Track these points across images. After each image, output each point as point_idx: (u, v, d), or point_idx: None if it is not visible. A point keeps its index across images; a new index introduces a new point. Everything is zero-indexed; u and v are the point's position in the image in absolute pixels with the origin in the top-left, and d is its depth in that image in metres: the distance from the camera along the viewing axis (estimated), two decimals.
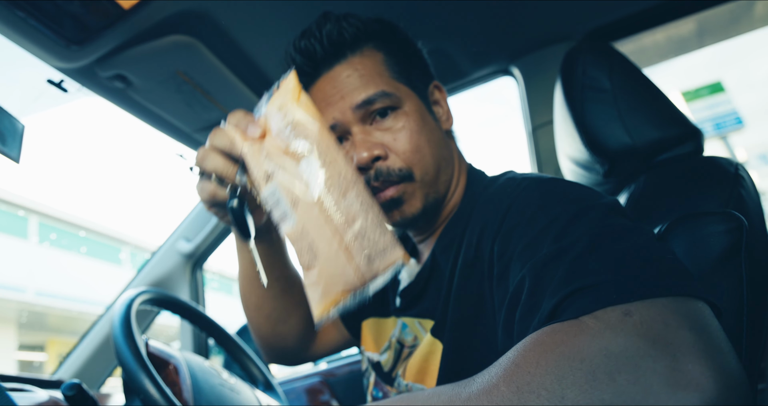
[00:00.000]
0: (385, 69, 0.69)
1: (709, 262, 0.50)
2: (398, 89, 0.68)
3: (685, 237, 0.52)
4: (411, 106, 0.68)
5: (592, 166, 0.69)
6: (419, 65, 0.74)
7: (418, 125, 0.67)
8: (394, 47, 0.71)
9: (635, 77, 0.67)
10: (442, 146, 0.70)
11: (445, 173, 0.70)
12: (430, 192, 0.68)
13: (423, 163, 0.66)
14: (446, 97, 0.76)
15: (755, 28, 1.45)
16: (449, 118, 0.75)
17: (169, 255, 1.53)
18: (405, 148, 0.66)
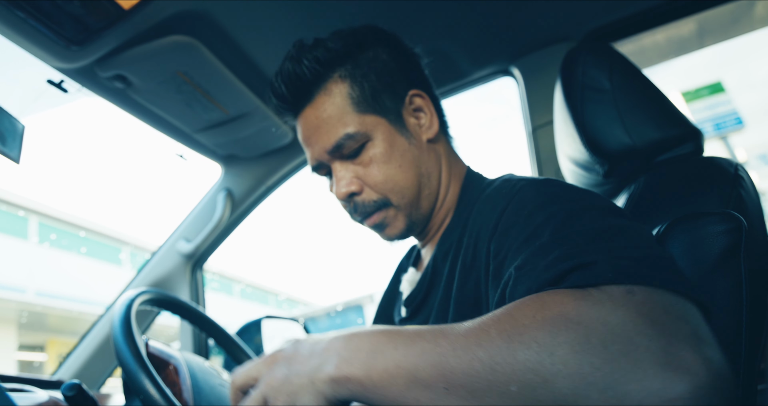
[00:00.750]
0: (349, 104, 0.69)
1: (708, 262, 0.50)
2: (364, 124, 0.69)
3: (684, 237, 0.52)
4: (379, 135, 0.69)
5: (591, 167, 0.69)
6: (393, 79, 0.72)
7: (386, 155, 0.69)
8: (361, 70, 0.70)
9: (635, 78, 0.67)
10: (420, 163, 0.71)
11: (427, 188, 0.72)
12: (411, 212, 0.71)
13: (396, 190, 0.69)
14: (429, 102, 0.75)
15: (756, 28, 1.45)
16: (433, 125, 0.74)
17: (169, 255, 1.53)
18: (376, 180, 0.69)
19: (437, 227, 0.75)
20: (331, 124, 0.69)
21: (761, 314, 0.52)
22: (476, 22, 1.14)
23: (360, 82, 0.70)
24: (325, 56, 0.69)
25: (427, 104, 0.74)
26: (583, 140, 0.67)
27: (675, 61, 1.53)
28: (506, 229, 0.52)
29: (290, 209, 60.13)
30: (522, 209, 0.52)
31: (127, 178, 30.32)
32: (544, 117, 1.24)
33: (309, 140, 0.72)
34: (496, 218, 0.55)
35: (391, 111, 0.71)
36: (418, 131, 0.73)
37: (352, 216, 0.74)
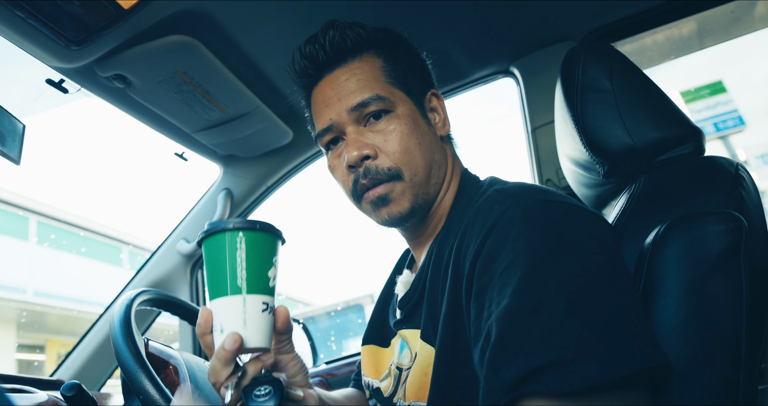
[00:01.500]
0: (382, 74, 0.72)
1: (708, 262, 0.50)
2: (393, 94, 0.71)
3: (684, 237, 0.52)
4: (404, 110, 0.71)
5: (592, 167, 0.68)
6: (418, 73, 0.76)
7: (409, 128, 0.70)
8: (394, 55, 0.74)
9: (635, 77, 0.67)
10: (434, 150, 0.73)
11: (435, 176, 0.72)
12: (419, 193, 0.70)
13: (412, 164, 0.69)
14: (444, 105, 0.78)
15: (757, 28, 1.45)
16: (446, 125, 0.77)
17: (169, 255, 1.53)
18: (395, 149, 0.69)
19: (432, 228, 0.75)
20: (361, 84, 0.71)
21: (762, 314, 0.52)
22: (476, 22, 1.14)
23: (393, 62, 0.74)
24: (366, 34, 0.73)
25: (441, 106, 0.78)
26: (583, 140, 0.67)
27: (676, 61, 1.53)
28: (491, 252, 0.53)
29: (290, 209, 60.01)
30: (508, 232, 0.52)
31: (127, 178, 30.29)
32: (545, 117, 1.24)
33: (331, 99, 0.72)
34: (484, 235, 0.55)
35: (416, 97, 0.74)
36: (432, 125, 0.75)
37: (355, 188, 0.71)
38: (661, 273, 0.51)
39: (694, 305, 0.49)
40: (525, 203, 0.55)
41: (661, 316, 0.50)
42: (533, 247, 0.49)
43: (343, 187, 0.75)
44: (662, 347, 0.47)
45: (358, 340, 7.59)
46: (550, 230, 0.51)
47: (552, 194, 0.58)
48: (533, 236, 0.50)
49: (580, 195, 0.81)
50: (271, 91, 1.21)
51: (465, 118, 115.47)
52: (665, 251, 0.52)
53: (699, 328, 0.49)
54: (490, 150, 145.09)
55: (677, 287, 0.50)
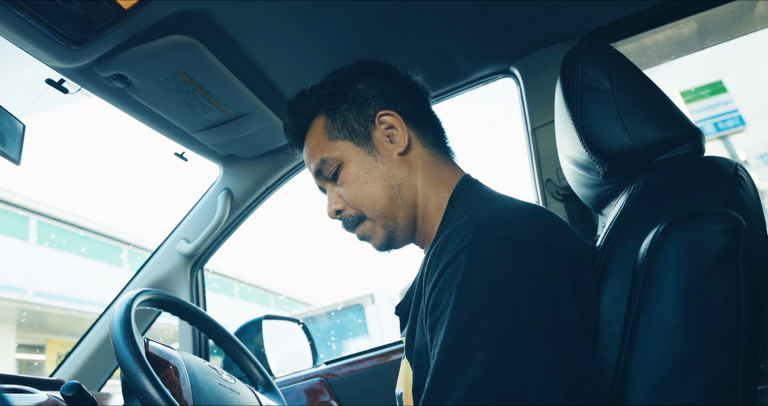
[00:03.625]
0: (323, 134, 0.81)
1: (707, 262, 0.50)
2: (335, 149, 0.80)
3: (682, 237, 0.52)
4: (349, 157, 0.79)
5: (591, 167, 0.68)
6: (362, 107, 0.81)
7: (354, 174, 0.78)
8: (336, 104, 0.82)
9: (635, 78, 0.67)
10: (388, 177, 0.78)
11: (399, 199, 0.77)
12: (387, 223, 0.78)
13: (366, 203, 0.77)
14: (399, 120, 0.80)
15: (757, 28, 1.45)
16: (402, 140, 0.79)
17: (169, 255, 1.53)
18: (350, 197, 0.79)
19: (428, 236, 0.79)
20: (312, 152, 0.83)
21: (760, 314, 0.52)
22: (476, 22, 1.14)
23: (334, 115, 0.81)
24: (312, 102, 0.83)
25: (397, 121, 0.80)
26: (582, 140, 0.67)
27: (677, 60, 1.53)
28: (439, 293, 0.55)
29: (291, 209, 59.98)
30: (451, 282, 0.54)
31: (127, 178, 30.29)
32: (545, 117, 1.24)
33: (307, 167, 0.86)
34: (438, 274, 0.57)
35: (360, 134, 0.80)
36: (388, 147, 0.79)
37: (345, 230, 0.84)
38: (660, 273, 0.51)
39: (693, 305, 0.49)
40: (478, 246, 0.55)
41: (659, 316, 0.50)
42: (466, 303, 0.51)
43: None
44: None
45: (358, 340, 7.57)
46: (488, 284, 0.51)
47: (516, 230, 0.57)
48: (470, 290, 0.52)
49: (580, 195, 0.81)
50: (271, 91, 1.21)
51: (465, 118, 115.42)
52: (664, 251, 0.52)
53: (697, 328, 0.49)
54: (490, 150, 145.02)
55: (676, 287, 0.50)
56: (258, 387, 1.02)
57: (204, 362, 0.84)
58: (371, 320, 6.98)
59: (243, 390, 0.86)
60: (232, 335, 1.02)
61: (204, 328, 0.98)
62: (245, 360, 1.01)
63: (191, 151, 1.39)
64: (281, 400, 1.00)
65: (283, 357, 1.92)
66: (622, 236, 0.60)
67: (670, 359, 0.49)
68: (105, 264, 11.58)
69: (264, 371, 1.03)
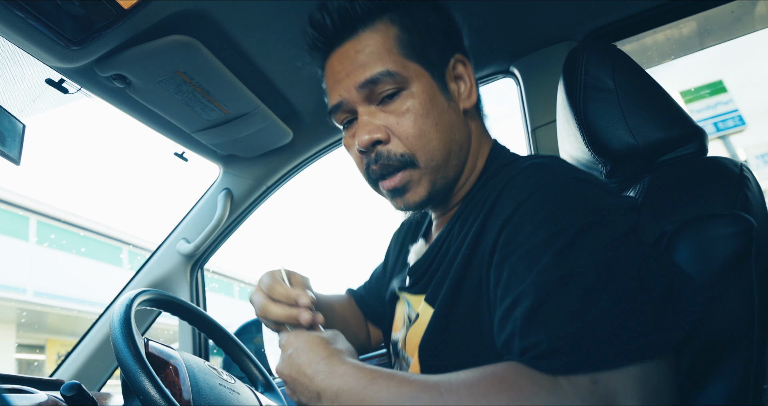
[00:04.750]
0: (395, 45, 0.65)
1: (718, 265, 0.50)
2: (406, 68, 0.65)
3: (694, 240, 0.51)
4: (419, 86, 0.65)
5: (594, 166, 0.68)
6: (441, 38, 0.69)
7: (425, 108, 0.64)
8: (412, 20, 0.67)
9: (638, 77, 0.67)
10: (455, 129, 0.67)
11: (456, 157, 0.67)
12: (437, 178, 0.66)
13: (427, 148, 0.64)
14: (471, 72, 0.71)
15: (758, 28, 1.45)
16: (472, 95, 0.71)
17: (169, 255, 1.53)
18: (408, 132, 0.64)
19: (455, 203, 0.72)
20: (372, 58, 0.65)
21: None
22: (476, 22, 1.14)
23: (409, 30, 0.66)
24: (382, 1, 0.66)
25: (468, 73, 0.71)
26: (585, 140, 0.67)
27: (677, 60, 1.53)
28: (519, 224, 0.51)
29: (290, 209, 59.94)
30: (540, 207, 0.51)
31: (127, 178, 30.30)
32: (545, 117, 1.24)
33: (340, 74, 0.67)
34: (514, 207, 0.53)
35: (436, 68, 0.67)
36: (456, 98, 0.69)
37: (369, 172, 0.69)
38: None
39: (705, 308, 0.49)
40: (559, 181, 0.53)
41: None
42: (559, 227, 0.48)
43: (358, 168, 0.73)
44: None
45: None
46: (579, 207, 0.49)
47: (588, 175, 0.55)
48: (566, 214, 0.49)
49: None
50: (271, 91, 1.21)
51: None
52: (675, 254, 0.51)
53: (711, 330, 0.48)
54: None
55: None
56: (258, 387, 1.01)
57: (204, 362, 0.84)
58: None
59: (243, 390, 0.86)
60: (232, 335, 1.02)
61: (204, 328, 0.98)
62: (245, 360, 1.01)
63: (191, 151, 1.39)
64: (281, 400, 1.00)
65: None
66: None
67: (683, 362, 0.48)
68: (105, 264, 11.58)
69: (264, 371, 1.03)
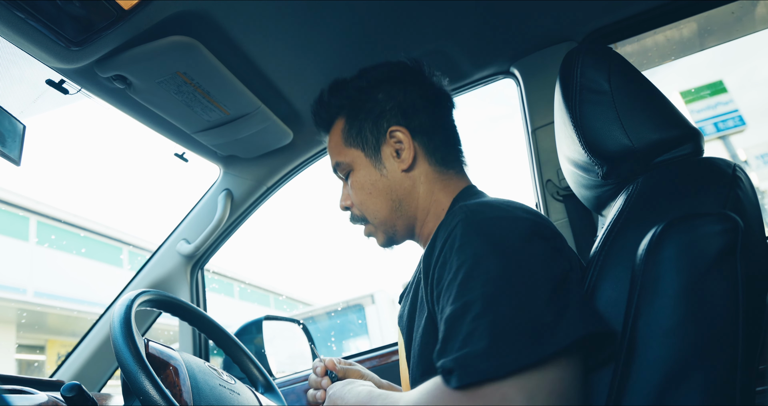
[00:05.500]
0: (341, 138, 0.88)
1: (704, 263, 0.50)
2: (349, 155, 0.87)
3: (680, 238, 0.52)
4: (357, 167, 0.86)
5: (590, 168, 0.69)
6: (379, 117, 0.85)
7: (360, 183, 0.86)
8: (357, 111, 0.87)
9: (634, 79, 0.67)
10: (392, 190, 0.84)
11: (399, 211, 0.85)
12: (387, 229, 0.87)
13: (369, 211, 0.87)
14: (408, 137, 0.84)
15: (758, 29, 1.45)
16: (407, 158, 0.84)
17: (169, 256, 1.53)
18: (356, 201, 0.88)
19: (426, 237, 0.86)
20: (330, 151, 0.91)
21: (758, 315, 0.52)
22: (476, 22, 1.14)
23: (352, 122, 0.87)
24: (338, 102, 0.89)
25: (406, 138, 0.84)
26: (581, 141, 0.67)
27: (678, 61, 1.53)
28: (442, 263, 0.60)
29: (291, 209, 59.98)
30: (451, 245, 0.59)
31: (127, 179, 30.30)
32: (545, 118, 1.24)
33: None
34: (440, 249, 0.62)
35: (371, 145, 0.85)
36: (394, 162, 0.84)
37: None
38: (658, 274, 0.51)
39: (691, 306, 0.49)
40: (470, 220, 0.61)
41: (657, 317, 0.50)
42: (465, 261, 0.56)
43: None
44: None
45: (358, 340, 7.55)
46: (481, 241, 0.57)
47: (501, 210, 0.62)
48: (467, 250, 0.57)
49: (580, 196, 0.81)
50: (272, 91, 1.21)
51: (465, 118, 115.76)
52: (662, 252, 0.52)
53: (696, 329, 0.49)
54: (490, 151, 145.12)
55: (674, 288, 0.50)
56: (258, 388, 1.02)
57: (204, 362, 0.84)
58: (371, 320, 6.97)
59: (243, 391, 0.86)
60: (232, 335, 1.02)
61: (204, 328, 0.98)
62: (245, 361, 1.02)
63: (191, 152, 1.39)
64: (281, 400, 1.00)
65: (283, 358, 1.92)
66: (620, 237, 0.60)
67: (668, 360, 0.49)
68: (105, 264, 11.58)
69: (264, 372, 1.03)
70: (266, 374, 1.03)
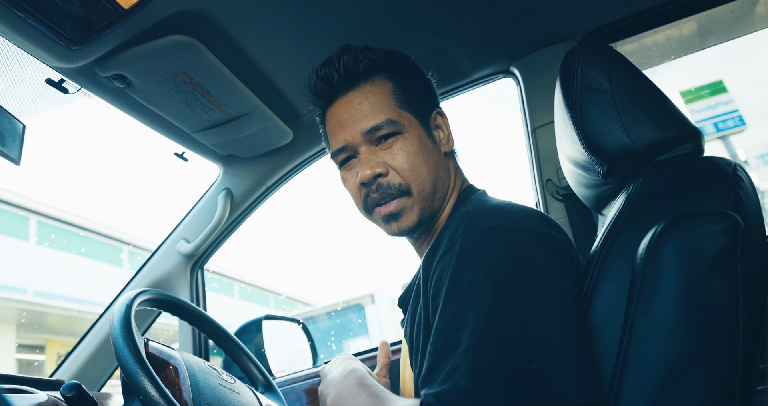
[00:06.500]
0: (392, 98, 0.79)
1: (704, 262, 0.50)
2: (402, 116, 0.78)
3: (680, 237, 0.52)
4: (412, 131, 0.79)
5: (591, 167, 0.68)
6: (424, 95, 0.84)
7: (416, 148, 0.77)
8: (403, 78, 0.81)
9: (634, 78, 0.67)
10: (439, 166, 0.80)
11: (440, 190, 0.80)
12: (425, 206, 0.78)
13: (419, 180, 0.77)
14: (447, 122, 0.85)
15: (758, 28, 1.45)
16: (449, 141, 0.85)
17: (169, 255, 1.53)
18: (403, 166, 0.76)
19: (430, 237, 0.83)
20: (374, 108, 0.78)
21: (759, 315, 0.52)
22: (476, 22, 1.14)
23: (402, 86, 0.81)
24: (377, 58, 0.81)
25: (445, 123, 0.86)
26: (582, 141, 0.67)
27: (679, 60, 1.53)
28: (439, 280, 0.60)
29: (291, 209, 60.04)
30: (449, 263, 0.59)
31: (127, 178, 30.32)
32: (545, 117, 1.24)
33: (345, 121, 0.79)
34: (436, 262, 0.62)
35: (423, 117, 0.82)
36: (438, 142, 0.83)
37: (366, 202, 0.79)
38: (658, 273, 0.51)
39: (691, 305, 0.49)
40: (469, 234, 0.60)
41: (657, 316, 0.50)
42: (458, 287, 0.56)
43: (354, 199, 0.83)
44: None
45: (358, 340, 7.55)
46: (476, 269, 0.56)
47: (503, 220, 0.62)
48: (461, 275, 0.56)
49: (580, 195, 0.81)
50: (271, 91, 1.21)
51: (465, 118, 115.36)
52: (662, 251, 0.52)
53: (695, 328, 0.49)
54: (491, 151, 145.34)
55: (674, 287, 0.50)
56: (258, 387, 1.02)
57: (204, 362, 0.84)
58: (371, 320, 6.97)
59: (243, 390, 0.86)
60: (232, 335, 1.02)
61: (204, 328, 0.98)
62: (245, 360, 1.01)
63: (191, 152, 1.39)
64: (281, 400, 1.00)
65: (283, 357, 1.92)
66: (621, 236, 0.60)
67: (668, 359, 0.49)
68: (105, 264, 11.58)
69: (264, 371, 1.03)
70: (266, 373, 1.03)
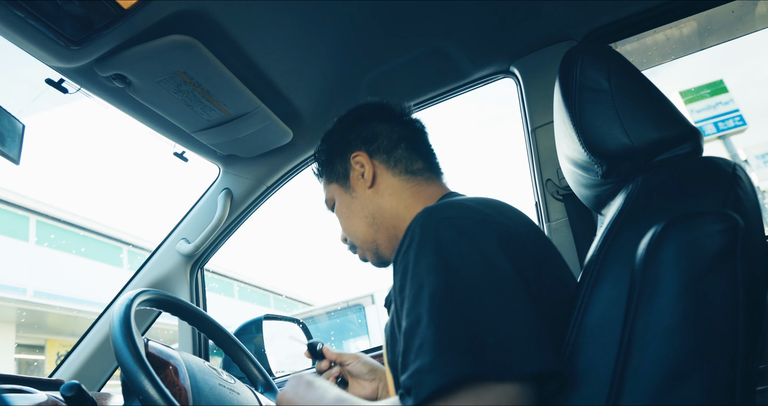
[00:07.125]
0: (324, 180, 0.98)
1: (704, 262, 0.50)
2: (329, 191, 0.96)
3: (680, 237, 0.51)
4: (337, 197, 0.94)
5: (590, 167, 0.68)
6: (342, 151, 0.93)
7: (339, 212, 0.94)
8: (329, 155, 0.96)
9: (633, 78, 0.67)
10: (364, 209, 0.90)
11: (378, 224, 0.89)
12: (370, 247, 0.91)
13: (352, 236, 0.93)
14: (366, 158, 0.90)
15: (757, 28, 1.45)
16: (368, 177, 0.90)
17: (168, 255, 1.53)
18: (345, 231, 0.95)
19: None
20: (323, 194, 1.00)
21: (759, 315, 0.52)
22: (476, 22, 1.14)
23: (328, 163, 0.96)
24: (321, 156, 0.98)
25: (365, 159, 0.90)
26: (581, 141, 0.67)
27: (679, 60, 1.53)
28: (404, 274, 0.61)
29: (291, 209, 60.00)
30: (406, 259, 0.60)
31: (127, 178, 30.33)
32: (545, 117, 1.24)
33: None
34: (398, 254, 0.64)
35: (341, 176, 0.93)
36: (361, 184, 0.91)
37: None
38: (658, 273, 0.51)
39: (691, 306, 0.49)
40: (425, 223, 0.61)
41: (657, 316, 0.50)
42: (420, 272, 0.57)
43: None
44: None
45: (358, 340, 7.55)
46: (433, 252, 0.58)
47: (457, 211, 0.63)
48: (422, 259, 0.58)
49: (580, 195, 0.81)
50: (271, 91, 1.21)
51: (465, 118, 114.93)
52: (662, 251, 0.52)
53: (695, 328, 0.49)
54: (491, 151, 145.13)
55: (674, 287, 0.50)
56: (258, 387, 1.02)
57: (204, 362, 0.84)
58: (371, 320, 6.97)
59: (243, 390, 0.86)
60: (232, 335, 1.02)
61: (204, 328, 0.98)
62: (245, 360, 1.02)
63: (191, 151, 1.39)
64: None
65: (283, 357, 1.92)
66: (620, 236, 0.60)
67: (668, 359, 0.48)
68: (105, 264, 11.58)
69: (264, 371, 1.03)
70: (266, 373, 1.03)
